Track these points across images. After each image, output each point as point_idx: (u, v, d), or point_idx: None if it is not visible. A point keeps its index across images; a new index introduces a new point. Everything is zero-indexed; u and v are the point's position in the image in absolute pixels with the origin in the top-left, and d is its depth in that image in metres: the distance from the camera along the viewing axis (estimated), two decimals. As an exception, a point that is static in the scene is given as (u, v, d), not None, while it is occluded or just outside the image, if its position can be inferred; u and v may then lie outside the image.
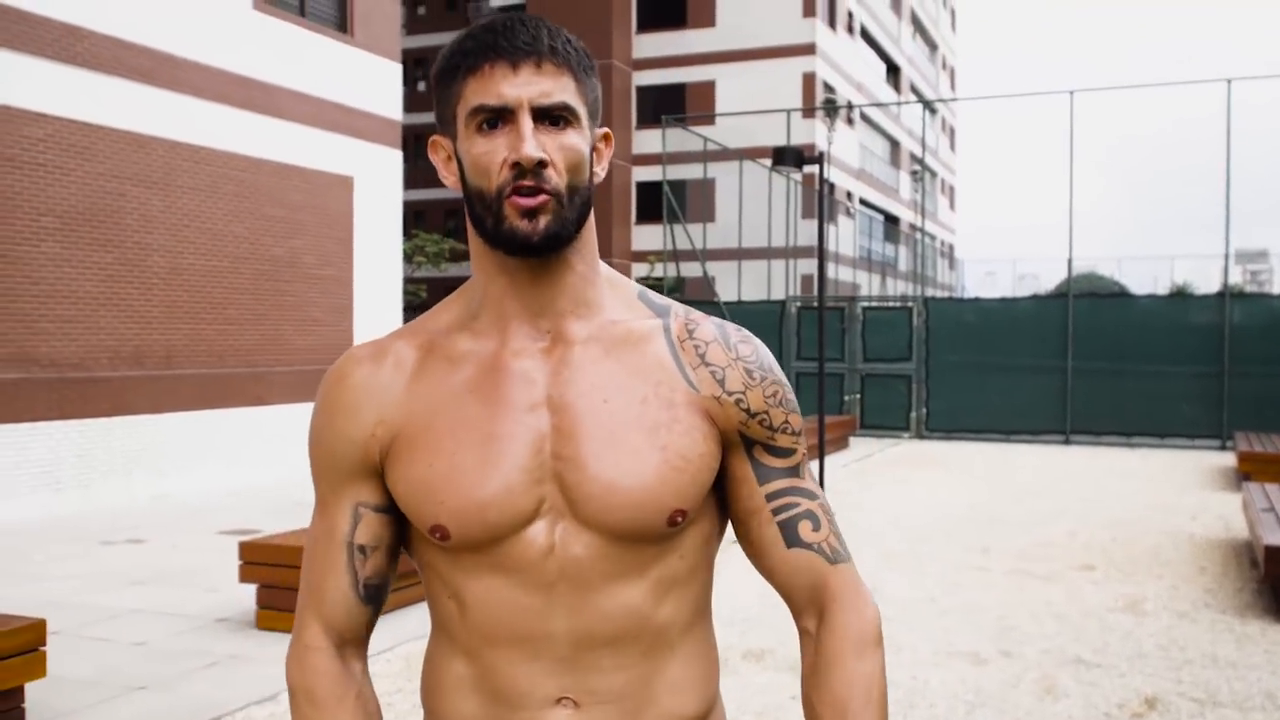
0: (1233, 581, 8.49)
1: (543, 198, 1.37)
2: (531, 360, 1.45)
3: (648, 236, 43.73)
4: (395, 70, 17.30)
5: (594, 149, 1.45)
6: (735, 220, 27.33)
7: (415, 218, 51.90)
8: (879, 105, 46.54)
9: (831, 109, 35.93)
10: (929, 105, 47.53)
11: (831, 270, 34.23)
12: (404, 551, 1.57)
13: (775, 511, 1.50)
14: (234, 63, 14.08)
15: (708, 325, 1.51)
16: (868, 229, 49.04)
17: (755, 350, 1.51)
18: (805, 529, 1.50)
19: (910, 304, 22.38)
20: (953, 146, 71.06)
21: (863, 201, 48.73)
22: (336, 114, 15.85)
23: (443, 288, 53.32)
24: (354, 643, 1.54)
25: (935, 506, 12.14)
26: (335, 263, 15.89)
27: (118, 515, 11.35)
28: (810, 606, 1.52)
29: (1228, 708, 5.55)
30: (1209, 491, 13.62)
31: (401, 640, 6.73)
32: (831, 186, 37.87)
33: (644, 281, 43.40)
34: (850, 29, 47.44)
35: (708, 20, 43.13)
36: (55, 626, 6.71)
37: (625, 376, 1.45)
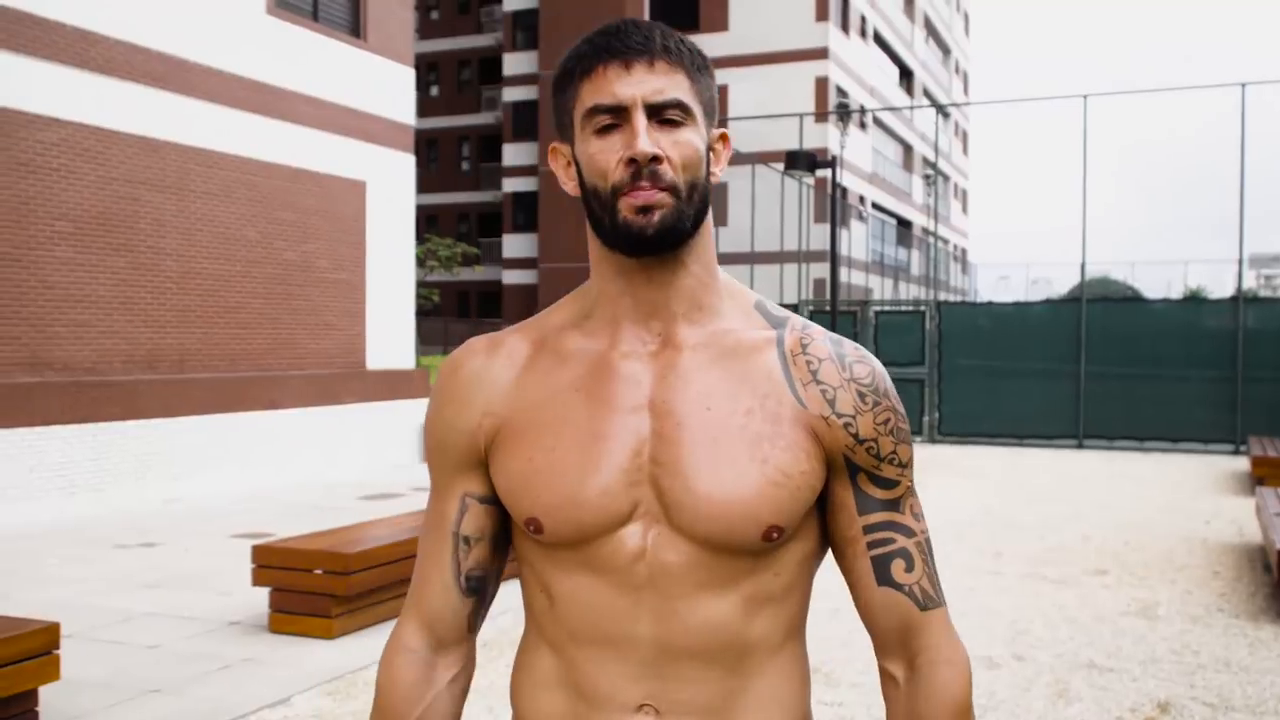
0: (1246, 586, 8.46)
1: (657, 193, 1.37)
2: (639, 362, 1.46)
3: (660, 241, 43.67)
4: (408, 74, 17.34)
5: (711, 148, 1.45)
6: (748, 224, 27.33)
7: (428, 222, 51.98)
8: (892, 109, 46.52)
9: (844, 113, 35.89)
10: (942, 109, 47.47)
11: (844, 274, 34.20)
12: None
13: (870, 545, 1.46)
14: (247, 67, 14.12)
15: (823, 341, 1.48)
16: (880, 233, 48.99)
17: (871, 372, 1.47)
18: (898, 568, 1.46)
19: (923, 308, 22.34)
20: (965, 150, 70.95)
21: (875, 205, 48.67)
22: (349, 118, 15.89)
23: (455, 292, 53.38)
24: (453, 643, 1.56)
25: (948, 510, 12.11)
26: (348, 267, 15.92)
27: (131, 518, 11.37)
28: (899, 651, 1.49)
29: (1240, 712, 5.53)
30: (1222, 496, 13.58)
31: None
32: (844, 190, 37.84)
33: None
34: (863, 33, 47.42)
35: (720, 24, 43.15)
36: (68, 630, 6.72)
37: (732, 386, 1.44)
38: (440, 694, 1.55)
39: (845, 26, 44.57)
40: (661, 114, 1.38)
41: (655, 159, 1.36)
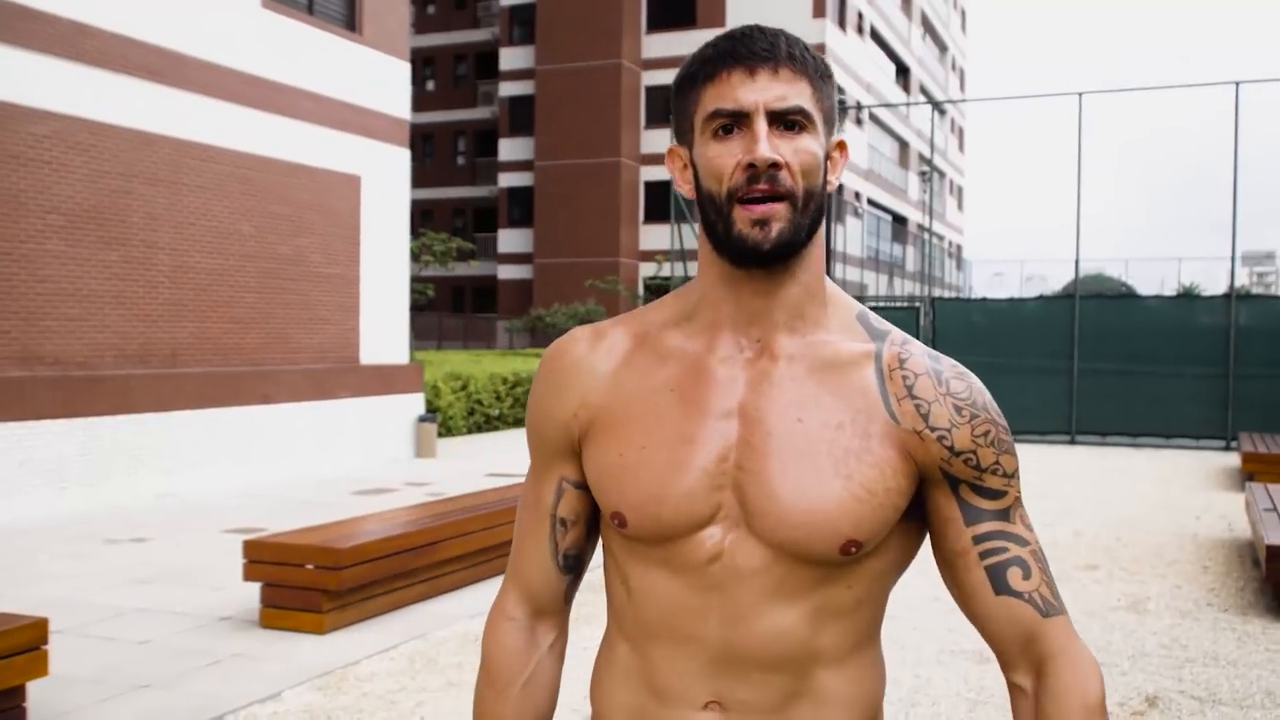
0: (1235, 581, 8.49)
1: (775, 206, 1.37)
2: (735, 368, 1.46)
3: (655, 236, 43.77)
4: (404, 69, 17.31)
5: (828, 157, 1.45)
6: (742, 220, 27.29)
7: (423, 216, 51.93)
8: (888, 106, 46.52)
9: (840, 109, 35.85)
10: (938, 106, 47.48)
11: (839, 270, 34.21)
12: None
13: (983, 555, 1.46)
14: (242, 61, 14.10)
15: (922, 357, 1.48)
16: (875, 229, 48.98)
17: (969, 387, 1.47)
18: (1015, 576, 1.45)
19: (917, 304, 22.37)
20: (961, 147, 70.99)
21: (871, 202, 48.69)
22: (344, 113, 15.87)
23: (450, 287, 53.33)
24: (551, 612, 1.63)
25: (940, 506, 12.12)
26: (342, 261, 15.91)
27: (122, 514, 11.37)
28: (1023, 661, 1.47)
29: (1228, 706, 5.55)
30: (1213, 492, 13.61)
31: (405, 639, 6.74)
32: (840, 187, 37.83)
33: (651, 281, 43.47)
34: (860, 30, 47.43)
35: (718, 20, 43.12)
36: (59, 625, 6.73)
37: (826, 399, 1.44)
38: (544, 658, 1.63)
39: (842, 23, 44.58)
40: (783, 120, 1.39)
41: (774, 165, 1.37)
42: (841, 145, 1.49)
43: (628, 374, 1.51)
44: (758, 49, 1.39)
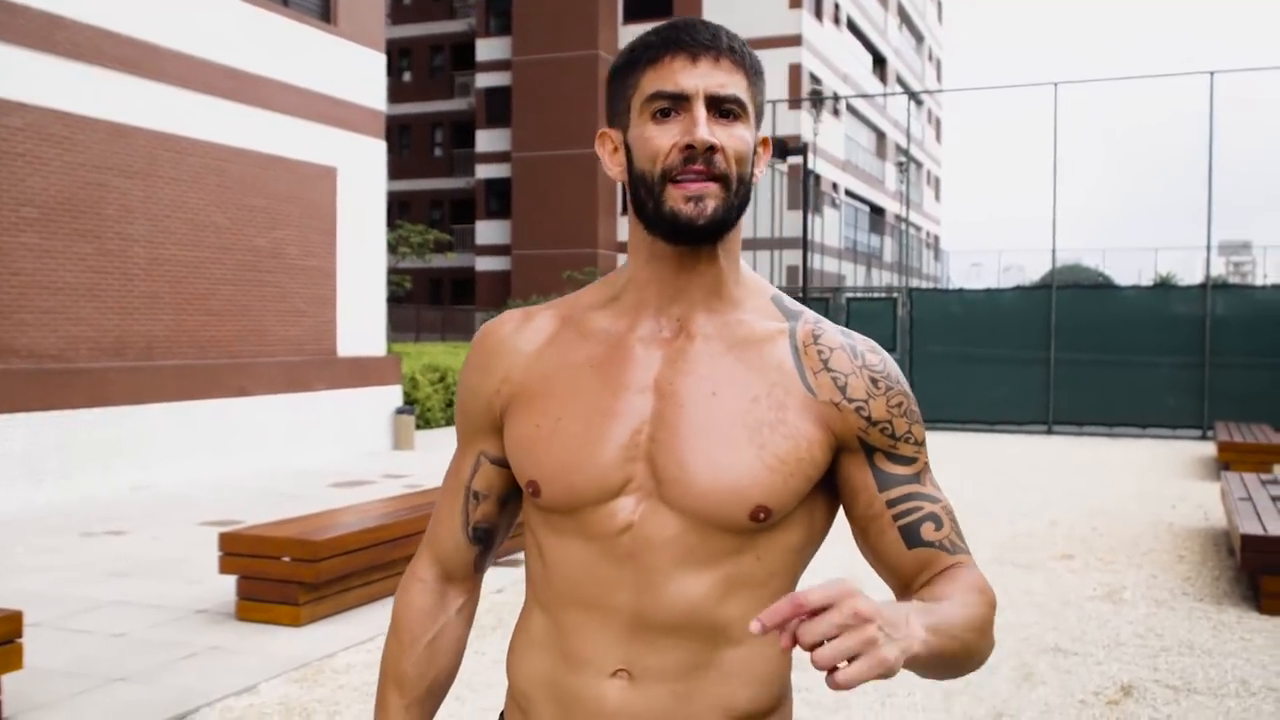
0: (1210, 570, 8.54)
1: (708, 184, 1.43)
2: (653, 346, 1.52)
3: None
4: (379, 60, 17.25)
5: (755, 150, 1.51)
6: (720, 211, 27.26)
7: (400, 208, 51.75)
8: (865, 96, 46.58)
9: (817, 100, 35.94)
10: (915, 97, 47.56)
11: (816, 261, 34.25)
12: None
13: (896, 517, 1.50)
14: (217, 52, 14.02)
15: (835, 334, 1.53)
16: (853, 220, 49.04)
17: (883, 360, 1.53)
18: (928, 529, 1.51)
19: (895, 295, 22.42)
20: (938, 138, 71.12)
21: (848, 193, 48.76)
22: (320, 104, 15.80)
23: (427, 278, 53.20)
24: (460, 579, 1.71)
25: (917, 496, 12.16)
26: (318, 253, 15.85)
27: (98, 507, 11.32)
28: (925, 578, 1.53)
29: (1203, 694, 5.59)
30: (1189, 481, 13.69)
31: (382, 631, 6.72)
32: (817, 177, 37.87)
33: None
34: (836, 20, 47.46)
35: (694, 10, 43.10)
36: (34, 618, 6.69)
37: (741, 373, 1.49)
38: (450, 619, 1.70)
39: (819, 13, 44.60)
40: (720, 108, 1.45)
41: (712, 148, 1.42)
42: (765, 141, 1.54)
43: (550, 352, 1.57)
44: (701, 38, 1.46)
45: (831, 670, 1.15)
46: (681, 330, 1.51)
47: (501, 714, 1.65)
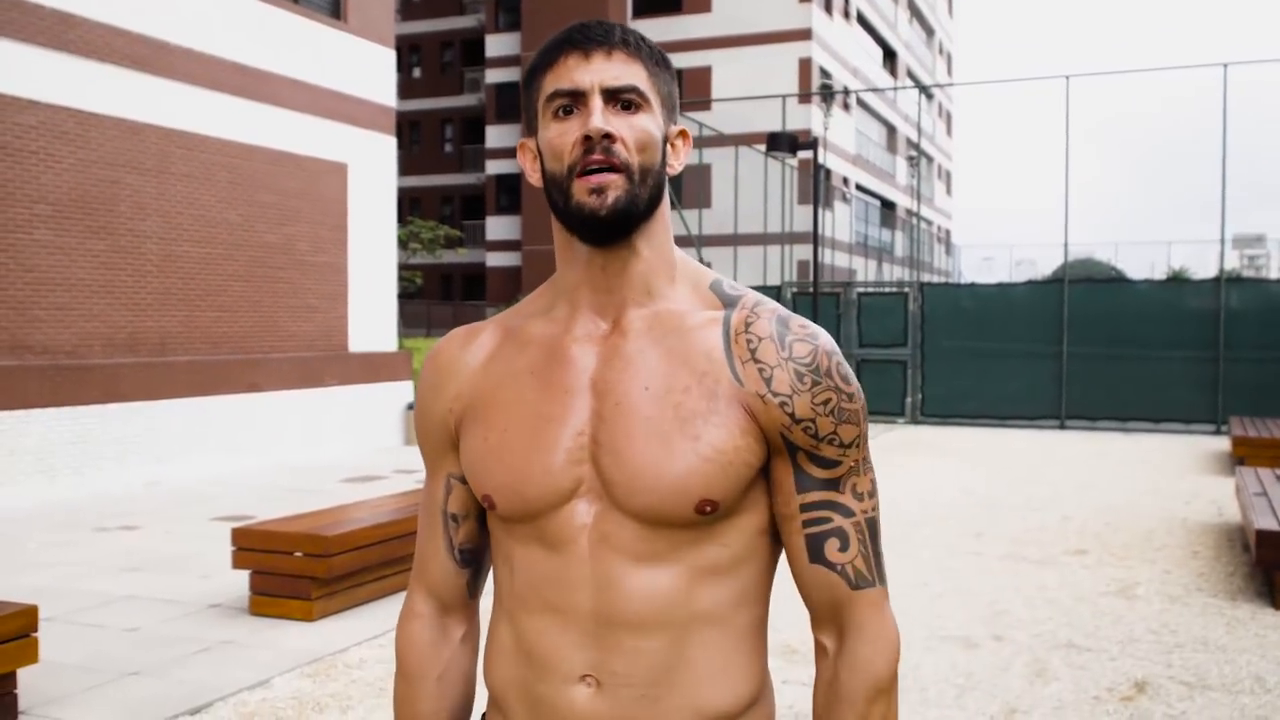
0: (1224, 566, 8.51)
1: (610, 175, 1.43)
2: (588, 346, 1.51)
3: (644, 223, 43.62)
4: (389, 56, 17.26)
5: (670, 143, 1.52)
6: (731, 206, 27.32)
7: (410, 204, 51.82)
8: (875, 90, 46.48)
9: (828, 94, 35.86)
10: (925, 90, 47.49)
11: (827, 256, 34.22)
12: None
13: (805, 524, 1.48)
14: (227, 49, 14.04)
15: (768, 321, 1.49)
16: (864, 214, 49.01)
17: (814, 351, 1.48)
18: (831, 547, 1.48)
19: (906, 289, 22.37)
20: (949, 132, 70.96)
21: (859, 187, 48.68)
22: (330, 100, 15.82)
23: (438, 274, 53.25)
24: (457, 607, 1.68)
25: (929, 492, 12.15)
26: (329, 249, 15.87)
27: (111, 502, 11.35)
28: (829, 625, 1.52)
29: (1216, 691, 5.57)
30: (1203, 476, 13.64)
31: (394, 626, 6.72)
32: (827, 172, 37.84)
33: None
34: (847, 14, 47.35)
35: (704, 6, 43.04)
36: (48, 613, 6.71)
37: (671, 365, 1.48)
38: (455, 651, 1.68)
39: (829, 7, 44.50)
40: (618, 98, 1.45)
41: (608, 136, 1.42)
42: (684, 134, 1.55)
43: (494, 365, 1.57)
44: (593, 34, 1.46)
45: None
46: (615, 328, 1.51)
47: (484, 715, 1.65)
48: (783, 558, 1.55)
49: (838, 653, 1.50)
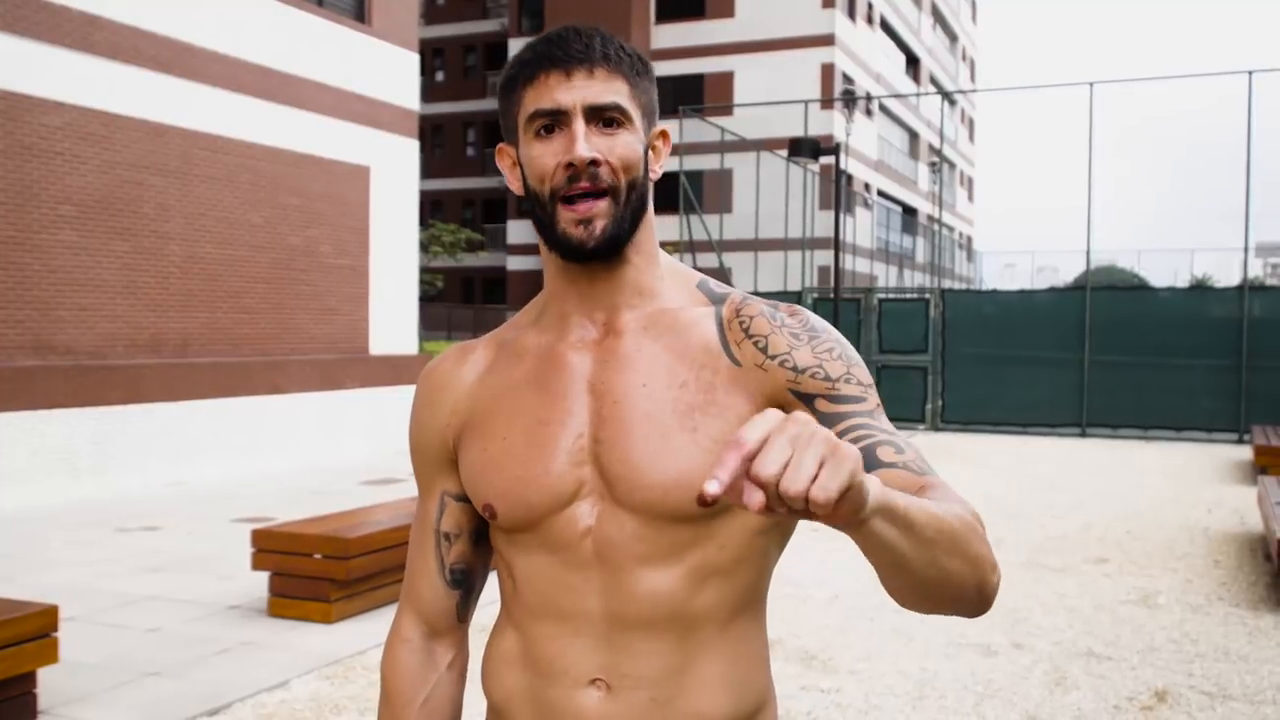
0: (1246, 575, 8.46)
1: (596, 204, 1.43)
2: (583, 350, 1.52)
3: (664, 227, 43.61)
4: (413, 60, 17.32)
5: (650, 147, 1.51)
6: (752, 211, 27.29)
7: (432, 207, 51.95)
8: (898, 96, 46.39)
9: (850, 100, 35.81)
10: (948, 96, 47.38)
11: (848, 262, 34.17)
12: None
13: (852, 442, 1.37)
14: (252, 52, 14.11)
15: (756, 304, 1.51)
16: (885, 220, 48.93)
17: (805, 319, 1.49)
18: (885, 452, 1.38)
19: (927, 296, 22.31)
20: (972, 138, 70.81)
21: (880, 193, 48.61)
22: (354, 103, 15.87)
23: (459, 277, 53.36)
24: (445, 631, 1.66)
25: (949, 498, 12.09)
26: (352, 252, 15.92)
27: (133, 502, 11.40)
28: None
29: (1238, 701, 5.54)
30: (1225, 485, 13.57)
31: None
32: (849, 177, 37.78)
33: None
34: (870, 20, 47.31)
35: (727, 11, 43.05)
36: (69, 612, 6.74)
37: (668, 361, 1.48)
38: (441, 677, 1.65)
39: (852, 13, 44.47)
40: (601, 117, 1.44)
41: (594, 163, 1.42)
42: (664, 134, 1.54)
43: (491, 378, 1.57)
44: (573, 51, 1.45)
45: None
46: (608, 330, 1.51)
47: None
48: (782, 557, 1.54)
49: None
